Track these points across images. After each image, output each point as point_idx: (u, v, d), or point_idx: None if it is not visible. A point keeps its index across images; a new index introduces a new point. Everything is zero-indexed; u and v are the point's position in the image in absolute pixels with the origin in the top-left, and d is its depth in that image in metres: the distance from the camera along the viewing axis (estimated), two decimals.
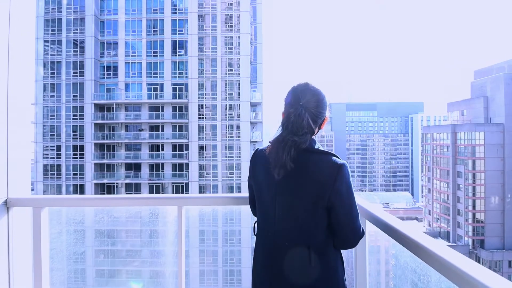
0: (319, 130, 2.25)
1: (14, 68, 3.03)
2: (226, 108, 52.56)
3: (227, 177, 52.05)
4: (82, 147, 52.57)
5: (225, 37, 52.65)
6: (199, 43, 52.73)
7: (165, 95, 53.40)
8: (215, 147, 52.41)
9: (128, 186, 52.78)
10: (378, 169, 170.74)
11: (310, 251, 2.06)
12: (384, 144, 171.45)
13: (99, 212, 4.12)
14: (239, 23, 52.45)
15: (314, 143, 2.15)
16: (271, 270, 2.12)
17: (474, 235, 69.62)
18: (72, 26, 52.80)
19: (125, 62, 53.76)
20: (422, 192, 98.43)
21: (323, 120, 2.23)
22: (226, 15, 52.51)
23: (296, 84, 2.22)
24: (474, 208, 70.21)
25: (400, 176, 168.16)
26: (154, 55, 53.63)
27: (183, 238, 3.03)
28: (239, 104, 52.40)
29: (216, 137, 52.41)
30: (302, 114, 2.10)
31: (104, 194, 51.09)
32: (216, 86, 52.55)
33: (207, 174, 52.45)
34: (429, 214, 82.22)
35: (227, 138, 52.40)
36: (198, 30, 52.69)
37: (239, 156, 51.57)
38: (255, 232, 2.31)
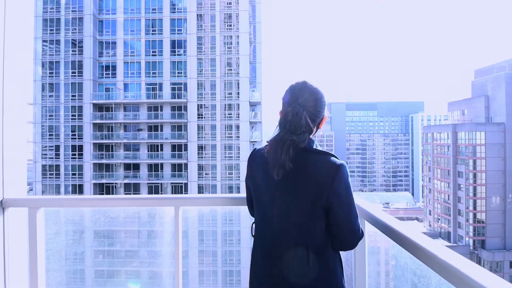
0: (317, 130, 2.23)
1: (10, 67, 3.02)
2: (225, 108, 52.58)
3: (226, 177, 52.02)
4: (80, 147, 52.55)
5: (224, 36, 52.70)
6: (198, 43, 52.75)
7: (164, 95, 53.36)
8: (214, 147, 52.42)
9: (127, 186, 52.78)
10: (378, 169, 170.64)
11: (309, 252, 2.04)
12: (384, 144, 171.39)
13: (97, 212, 4.07)
14: (238, 22, 52.53)
15: (312, 142, 2.13)
16: (269, 270, 2.11)
17: (475, 235, 69.54)
18: (71, 25, 52.80)
19: (123, 62, 53.73)
20: (422, 192, 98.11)
21: (322, 119, 2.21)
22: (225, 14, 52.56)
23: (294, 82, 2.20)
24: (475, 208, 70.15)
25: (401, 176, 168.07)
26: (153, 55, 53.61)
27: (180, 238, 3.01)
28: (238, 104, 52.46)
29: (215, 137, 52.43)
30: (300, 112, 2.08)
31: (103, 194, 50.83)
32: (215, 85, 52.59)
33: (206, 174, 52.42)
34: (429, 215, 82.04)
35: (226, 138, 52.39)
36: (197, 30, 52.70)
37: (238, 156, 51.59)
38: (253, 233, 2.29)
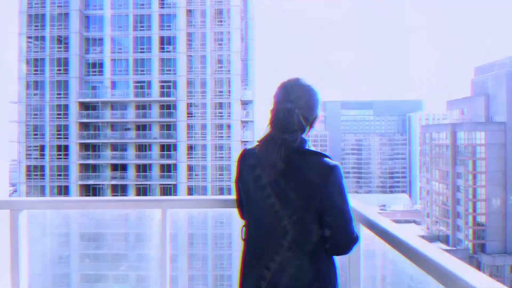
0: (311, 129, 2.19)
1: None
2: (216, 106, 52.40)
3: (217, 178, 51.88)
4: (66, 147, 52.25)
5: (214, 32, 52.51)
6: (188, 39, 52.50)
7: (152, 93, 53.19)
8: (204, 147, 52.25)
9: (114, 188, 52.37)
10: (375, 170, 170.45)
11: (301, 256, 2.03)
12: (380, 144, 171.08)
13: (83, 215, 4.03)
14: (229, 18, 52.34)
15: (305, 142, 2.10)
16: (260, 274, 2.08)
17: (474, 238, 69.42)
18: (56, 21, 52.43)
19: (111, 59, 53.41)
20: (420, 194, 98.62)
21: (315, 118, 2.18)
22: (215, 9, 52.37)
23: (286, 79, 2.17)
24: (474, 210, 70.01)
25: (398, 177, 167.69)
26: (141, 52, 53.30)
27: (168, 242, 2.99)
28: (230, 103, 52.28)
29: (206, 136, 52.22)
30: (292, 110, 2.05)
31: (89, 196, 50.57)
32: (205, 83, 52.35)
33: (196, 175, 52.19)
34: (427, 217, 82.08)
35: (217, 138, 52.21)
36: (187, 26, 52.42)
37: (230, 157, 51.37)
38: (243, 236, 2.26)
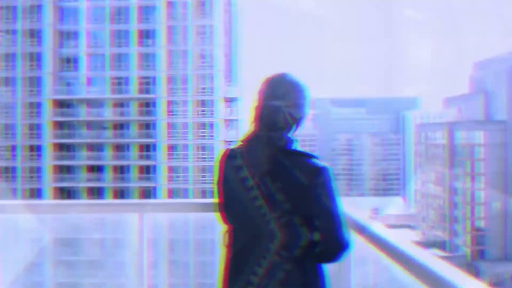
0: (298, 128, 2.13)
1: None
2: (199, 104, 52.33)
3: (199, 180, 51.42)
4: (39, 147, 52.20)
5: (197, 26, 52.30)
6: (168, 33, 52.48)
7: (131, 90, 53.07)
8: (186, 147, 52.26)
9: (90, 190, 52.07)
10: (367, 171, 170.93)
11: (287, 263, 1.98)
12: (373, 144, 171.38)
13: (57, 219, 3.97)
14: (212, 10, 52.11)
15: (292, 142, 2.05)
16: (247, 280, 2.01)
17: (473, 244, 69.77)
18: (28, 14, 52.19)
19: (87, 54, 53.25)
20: (415, 197, 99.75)
21: (303, 116, 2.13)
22: (198, 1, 52.16)
23: (271, 74, 2.14)
24: (473, 215, 70.42)
25: (391, 179, 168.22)
26: (119, 46, 53.14)
27: (146, 248, 3.02)
28: (213, 100, 52.27)
29: (188, 136, 52.13)
30: (278, 107, 2.03)
31: (63, 199, 50.39)
32: (187, 79, 52.27)
33: (177, 177, 52.19)
34: (423, 222, 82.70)
35: (200, 137, 52.17)
36: (168, 18, 52.32)
37: (213, 157, 50.89)
38: (225, 242, 2.20)
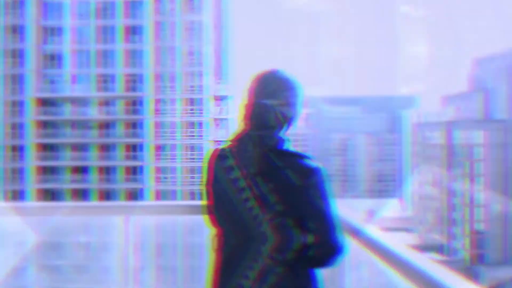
0: (290, 127, 2.13)
1: None
2: (187, 102, 52.12)
3: (188, 182, 51.21)
4: (21, 148, 51.87)
5: (186, 21, 52.01)
6: (156, 28, 52.21)
7: (117, 88, 52.81)
8: (174, 147, 52.06)
9: (75, 192, 51.72)
10: (362, 172, 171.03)
11: (280, 266, 1.97)
12: (368, 144, 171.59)
13: (40, 222, 3.77)
14: (202, 5, 51.84)
15: (284, 142, 2.03)
16: (239, 284, 2.01)
17: (472, 248, 69.83)
18: (10, 8, 51.93)
19: (71, 50, 52.87)
20: (412, 199, 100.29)
21: (296, 114, 2.13)
22: None
23: (262, 71, 2.14)
24: (472, 217, 70.42)
25: (387, 180, 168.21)
26: (105, 42, 52.79)
27: (132, 252, 2.96)
28: (202, 98, 52.02)
29: (176, 135, 51.92)
30: (268, 105, 2.01)
31: (47, 201, 49.81)
32: (175, 77, 52.05)
33: (165, 179, 51.98)
34: (420, 225, 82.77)
35: (188, 137, 51.97)
36: (155, 14, 51.95)
37: (202, 158, 50.11)
38: (214, 246, 2.20)
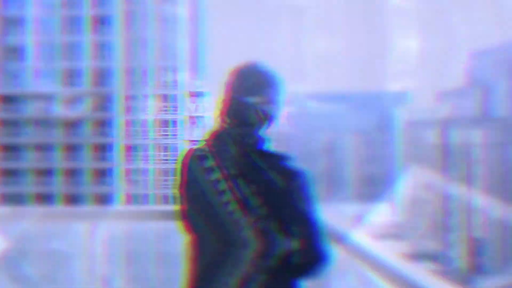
0: (271, 125, 2.05)
1: None
2: (161, 99, 51.21)
3: (162, 185, 49.48)
4: None
5: (159, 11, 51.59)
6: (127, 19, 52.01)
7: (84, 83, 51.85)
8: (146, 147, 51.38)
9: (38, 197, 50.07)
10: (350, 175, 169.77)
11: (262, 274, 1.88)
12: (357, 144, 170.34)
13: (1, 228, 3.92)
14: None
15: (263, 141, 1.97)
16: None
17: (469, 256, 68.60)
18: None
19: (34, 42, 52.81)
20: (404, 204, 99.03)
21: (277, 111, 2.05)
22: None
23: (241, 64, 2.05)
24: (469, 223, 69.74)
25: (377, 183, 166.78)
26: (71, 34, 52.29)
27: (101, 261, 3.06)
28: (176, 95, 51.37)
29: (148, 135, 51.13)
30: (247, 102, 1.95)
31: (7, 206, 47.52)
32: (147, 72, 51.77)
33: (136, 182, 50.97)
34: (412, 231, 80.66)
35: (162, 137, 51.59)
36: (126, 3, 51.31)
37: (176, 159, 48.47)
38: (190, 255, 2.11)
